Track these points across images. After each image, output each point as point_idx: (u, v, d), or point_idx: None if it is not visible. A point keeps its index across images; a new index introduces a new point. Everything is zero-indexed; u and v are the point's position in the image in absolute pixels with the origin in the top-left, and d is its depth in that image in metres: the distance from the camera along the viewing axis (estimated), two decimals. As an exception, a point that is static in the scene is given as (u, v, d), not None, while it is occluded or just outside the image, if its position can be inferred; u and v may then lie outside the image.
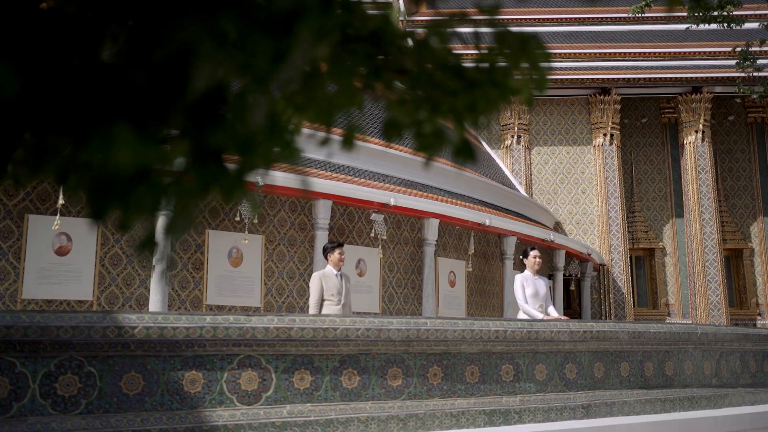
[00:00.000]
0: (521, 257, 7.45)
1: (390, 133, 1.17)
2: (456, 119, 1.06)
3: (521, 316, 7.04)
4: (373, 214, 11.74)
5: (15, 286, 9.37)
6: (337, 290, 7.58)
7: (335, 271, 7.67)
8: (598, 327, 6.37)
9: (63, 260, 9.35)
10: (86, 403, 4.28)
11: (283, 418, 4.78)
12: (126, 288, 10.05)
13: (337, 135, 1.21)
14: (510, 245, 13.87)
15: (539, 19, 22.07)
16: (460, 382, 5.55)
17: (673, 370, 7.08)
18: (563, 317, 7.08)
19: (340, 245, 7.86)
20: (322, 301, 7.46)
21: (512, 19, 21.92)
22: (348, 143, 1.44)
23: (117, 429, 4.29)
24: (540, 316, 6.92)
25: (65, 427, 4.16)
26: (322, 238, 10.89)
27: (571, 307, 19.86)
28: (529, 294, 7.08)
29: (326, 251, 7.86)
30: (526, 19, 22.03)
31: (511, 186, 18.52)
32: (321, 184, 10.74)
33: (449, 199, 13.38)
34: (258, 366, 4.80)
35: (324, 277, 7.59)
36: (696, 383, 7.32)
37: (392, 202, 11.37)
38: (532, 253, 7.35)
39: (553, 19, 22.03)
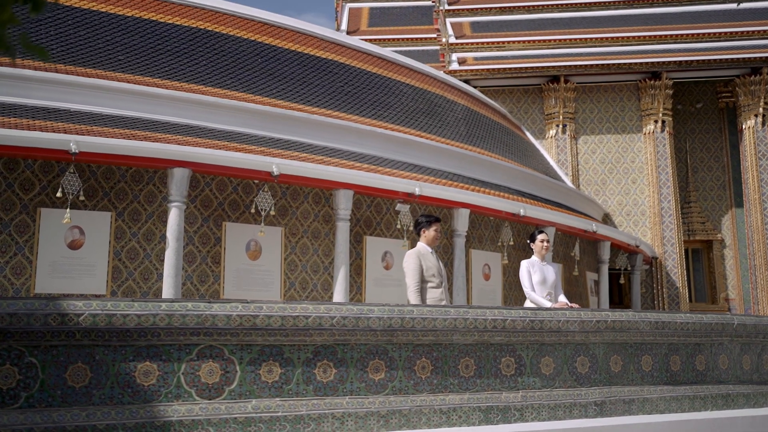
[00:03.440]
0: (528, 241, 6.91)
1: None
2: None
3: (528, 304, 6.52)
4: (398, 205, 11.29)
5: (32, 280, 9.28)
6: (437, 270, 6.68)
7: (430, 249, 6.78)
8: (614, 316, 5.79)
9: (76, 254, 9.21)
10: (26, 396, 3.98)
11: (246, 414, 4.39)
12: (143, 282, 9.87)
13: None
14: (549, 237, 13.20)
15: (586, 3, 21.24)
16: (452, 376, 5.07)
17: (704, 364, 6.43)
18: (574, 305, 6.51)
19: (437, 220, 6.92)
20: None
21: (557, 5, 21.16)
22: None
23: (59, 424, 3.98)
24: (548, 304, 6.37)
25: (1, 422, 3.86)
26: (343, 229, 10.51)
27: (623, 302, 19.00)
28: (536, 281, 6.54)
29: (420, 226, 6.88)
30: (572, 4, 21.23)
31: (555, 177, 17.80)
32: (340, 173, 10.35)
33: (482, 189, 12.83)
34: (220, 357, 4.43)
35: (421, 256, 6.64)
36: (733, 379, 6.65)
37: (417, 191, 10.90)
38: (540, 236, 6.80)
39: (600, 3, 21.17)
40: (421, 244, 6.82)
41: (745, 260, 19.96)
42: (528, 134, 19.68)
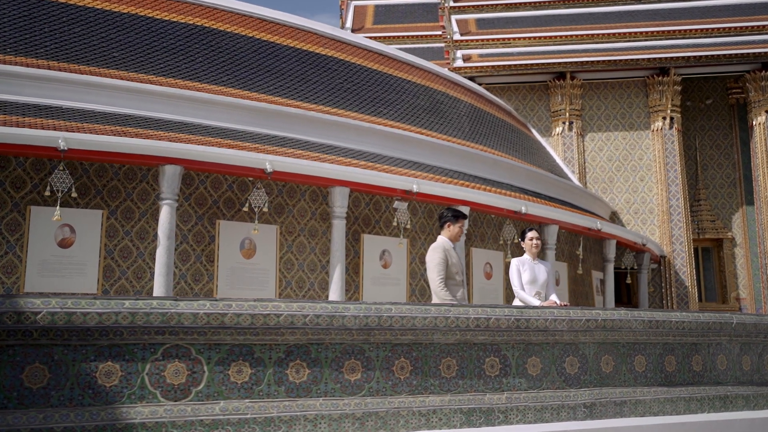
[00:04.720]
0: (519, 239, 6.73)
1: None
2: None
3: (516, 303, 6.32)
4: (396, 202, 11.11)
5: (22, 279, 9.16)
6: (461, 269, 6.38)
7: (452, 245, 6.45)
8: (605, 315, 5.58)
9: (66, 252, 9.09)
10: (-19, 397, 3.83)
11: (214, 416, 4.23)
12: (136, 281, 9.74)
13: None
14: (552, 234, 13.00)
15: (594, -1, 20.97)
16: (433, 377, 4.88)
17: (701, 365, 6.21)
18: (564, 303, 6.31)
19: (464, 217, 6.56)
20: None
21: (563, 1, 20.90)
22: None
23: (14, 427, 3.83)
24: (536, 302, 6.18)
25: (-46, 424, 3.72)
26: (339, 227, 10.34)
27: (631, 302, 18.73)
28: (526, 280, 6.35)
29: (445, 220, 6.48)
30: (579, -1, 20.96)
31: (561, 175, 17.54)
32: (336, 170, 10.17)
33: (482, 186, 12.62)
34: (187, 357, 4.27)
35: (447, 251, 6.30)
36: (732, 380, 6.42)
37: (415, 188, 10.71)
38: (529, 234, 6.61)
39: (608, -2, 20.90)
40: (444, 239, 6.50)
41: (756, 259, 19.62)
42: (534, 132, 19.43)
